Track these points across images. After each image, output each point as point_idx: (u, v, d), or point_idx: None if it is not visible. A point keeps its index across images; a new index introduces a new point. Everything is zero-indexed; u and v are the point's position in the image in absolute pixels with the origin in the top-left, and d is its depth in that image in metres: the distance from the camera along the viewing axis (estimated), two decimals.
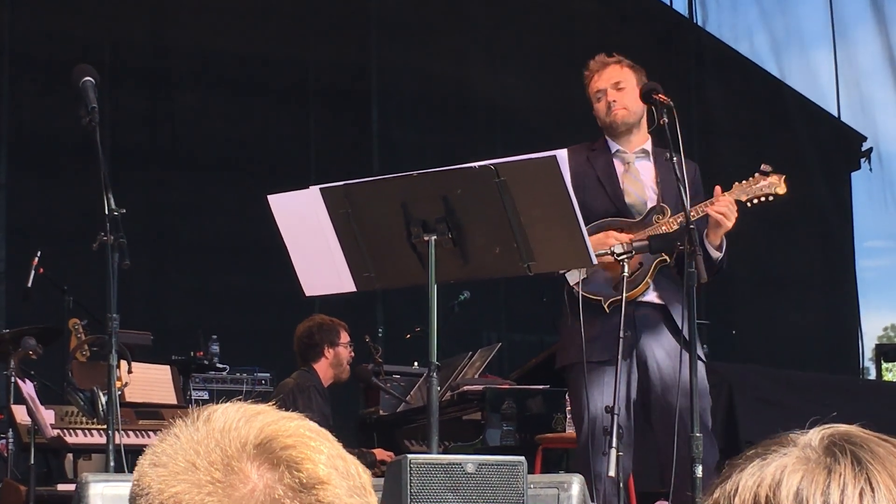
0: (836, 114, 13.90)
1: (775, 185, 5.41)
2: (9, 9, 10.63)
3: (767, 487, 1.19)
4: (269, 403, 1.39)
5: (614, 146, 5.62)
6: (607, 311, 5.35)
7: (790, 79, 13.77)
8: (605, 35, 12.99)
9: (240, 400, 1.38)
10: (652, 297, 5.44)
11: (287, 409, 1.38)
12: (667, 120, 5.13)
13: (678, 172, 5.04)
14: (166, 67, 11.41)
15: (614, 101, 5.55)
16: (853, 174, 14.06)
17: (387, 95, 12.16)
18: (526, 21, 12.64)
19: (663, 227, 5.36)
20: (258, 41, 11.60)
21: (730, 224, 5.29)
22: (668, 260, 5.43)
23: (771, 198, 5.42)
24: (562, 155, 4.53)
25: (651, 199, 5.53)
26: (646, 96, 5.25)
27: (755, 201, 5.40)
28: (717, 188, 5.33)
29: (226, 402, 1.37)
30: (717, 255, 5.39)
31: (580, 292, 5.30)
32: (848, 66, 13.86)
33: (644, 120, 5.61)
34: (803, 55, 15.12)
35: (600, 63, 5.64)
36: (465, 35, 12.45)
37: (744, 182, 5.41)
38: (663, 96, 5.17)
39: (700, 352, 5.28)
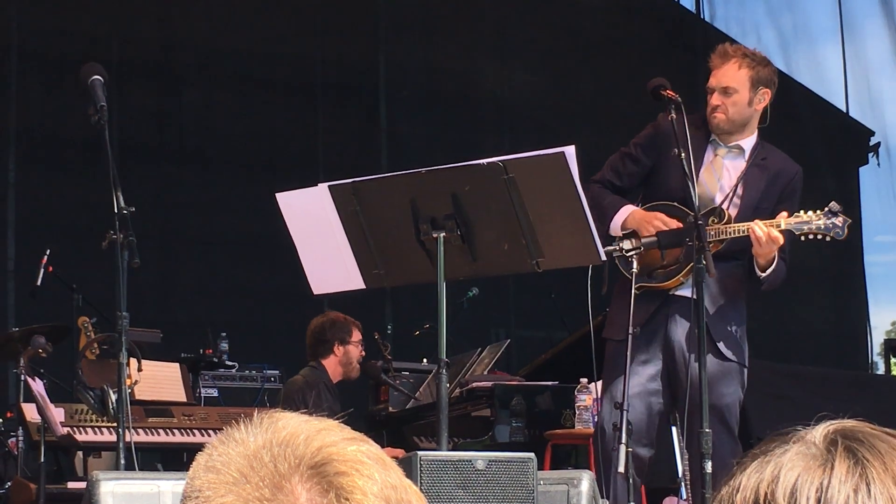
0: (844, 109, 13.88)
1: (837, 228, 5.23)
2: (17, 6, 10.64)
3: (766, 485, 1.19)
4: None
5: (713, 133, 5.50)
6: (638, 293, 5.29)
7: (798, 74, 13.75)
8: (612, 30, 13.00)
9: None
10: (686, 291, 5.29)
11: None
12: (675, 115, 5.13)
13: (686, 168, 5.04)
14: (174, 64, 11.42)
15: (717, 105, 5.41)
16: (861, 169, 14.05)
17: (395, 91, 12.16)
18: (533, 16, 12.63)
19: (712, 232, 5.24)
20: (266, 37, 11.60)
21: (761, 251, 5.16)
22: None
23: (828, 238, 5.25)
24: (570, 151, 4.53)
25: (720, 196, 5.41)
26: (653, 92, 5.23)
27: (810, 237, 5.24)
28: (784, 213, 5.20)
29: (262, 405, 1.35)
30: (760, 274, 5.27)
31: (633, 269, 5.19)
32: (856, 60, 13.85)
33: (754, 121, 5.45)
34: (811, 50, 15.12)
35: (721, 55, 5.48)
36: (472, 30, 12.44)
37: (809, 214, 5.22)
38: (671, 92, 5.17)
39: (739, 355, 5.29)
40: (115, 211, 4.62)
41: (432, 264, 4.61)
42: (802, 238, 5.25)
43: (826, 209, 5.23)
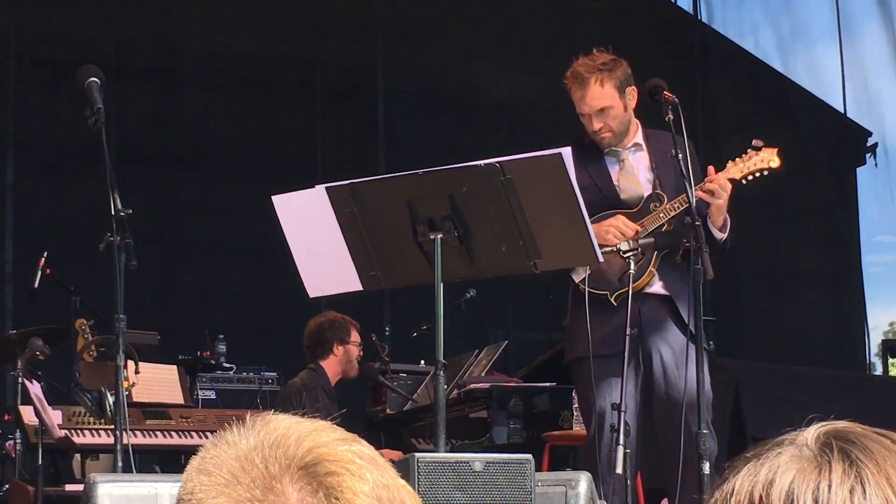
0: (842, 110, 13.88)
1: (768, 158, 5.36)
2: (15, 9, 10.64)
3: (761, 487, 1.19)
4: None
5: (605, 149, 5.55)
6: (615, 304, 5.32)
7: (795, 75, 13.76)
8: (610, 32, 12.97)
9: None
10: (658, 287, 5.38)
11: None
12: (672, 117, 5.14)
13: (683, 169, 5.05)
14: (172, 66, 11.42)
15: (600, 127, 5.43)
16: (859, 169, 14.05)
17: (393, 94, 12.17)
18: (531, 19, 12.63)
19: (661, 215, 5.33)
20: (264, 40, 11.60)
21: (720, 201, 5.23)
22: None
23: (766, 172, 5.36)
24: (567, 152, 4.55)
25: (647, 190, 5.47)
26: (651, 93, 5.25)
27: (750, 178, 5.35)
28: (711, 168, 5.29)
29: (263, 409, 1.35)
30: (719, 235, 5.35)
31: (586, 289, 5.28)
32: (854, 61, 13.84)
33: (631, 117, 5.51)
34: (809, 51, 15.10)
35: (577, 79, 5.45)
36: (470, 33, 12.45)
37: (737, 159, 5.35)
38: (668, 93, 5.18)
39: (705, 340, 5.30)
40: (113, 213, 4.63)
41: (430, 266, 4.61)
42: (744, 181, 5.34)
43: (750, 149, 5.35)
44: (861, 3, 14.07)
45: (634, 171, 5.53)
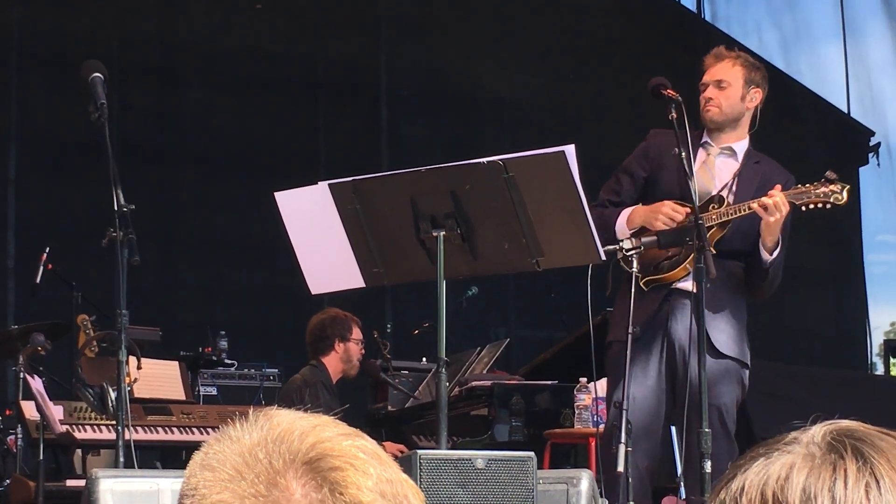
0: (845, 109, 13.88)
1: (837, 193, 5.31)
2: (18, 6, 10.64)
3: (774, 485, 1.19)
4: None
5: (704, 136, 5.59)
6: (644, 289, 5.34)
7: (799, 74, 13.75)
8: (612, 30, 12.99)
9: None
10: (687, 284, 5.33)
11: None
12: (675, 114, 5.14)
13: (686, 167, 5.05)
14: (175, 63, 11.41)
15: (710, 98, 5.50)
16: (861, 169, 14.05)
17: (395, 91, 12.16)
18: (534, 17, 12.63)
19: (714, 217, 5.33)
20: (267, 37, 11.60)
21: (772, 219, 5.21)
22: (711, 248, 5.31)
23: (829, 206, 5.33)
24: (570, 150, 4.54)
25: (715, 192, 5.47)
26: (654, 91, 5.25)
27: (811, 206, 5.32)
28: (778, 187, 5.28)
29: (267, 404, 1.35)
30: (766, 257, 5.36)
31: (634, 272, 5.23)
32: (858, 60, 13.84)
33: (745, 120, 5.55)
34: (812, 50, 15.11)
35: (716, 56, 5.60)
36: (473, 30, 12.44)
37: (807, 185, 5.33)
38: (672, 91, 5.19)
39: (739, 353, 5.32)
40: (115, 208, 4.62)
41: (432, 263, 4.61)
42: (803, 208, 5.32)
43: (823, 179, 5.32)
44: (866, 2, 14.07)
45: (714, 171, 5.53)
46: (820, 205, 5.33)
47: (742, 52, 5.65)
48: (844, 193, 5.33)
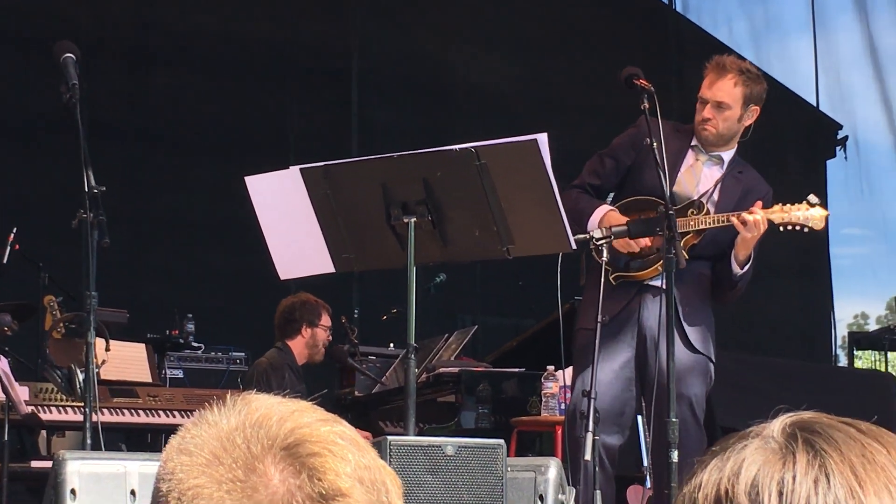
0: (814, 102, 13.94)
1: (815, 219, 5.36)
2: None
3: (727, 480, 1.19)
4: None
5: (695, 140, 5.57)
6: (613, 283, 5.38)
7: (769, 66, 13.77)
8: (585, 20, 13.01)
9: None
10: (660, 282, 5.32)
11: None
12: (647, 104, 5.15)
13: (657, 157, 5.06)
14: (146, 45, 11.35)
15: (708, 119, 5.48)
16: (829, 162, 14.12)
17: (367, 76, 12.13)
18: (508, 4, 12.63)
19: (692, 223, 5.35)
20: (239, 20, 11.55)
21: (750, 235, 5.26)
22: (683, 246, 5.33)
23: (806, 229, 5.38)
24: (542, 138, 4.54)
25: (696, 197, 5.49)
26: (627, 81, 5.25)
27: (789, 227, 5.36)
28: (759, 203, 5.31)
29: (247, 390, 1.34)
30: (737, 269, 5.41)
31: (602, 254, 5.24)
32: (827, 54, 13.90)
33: (737, 136, 5.56)
34: (783, 43, 15.17)
35: (718, 67, 5.52)
36: (447, 17, 12.42)
37: (787, 206, 5.35)
38: (644, 81, 5.19)
39: (707, 350, 5.35)
40: (86, 190, 4.59)
41: (403, 249, 4.61)
42: (781, 228, 5.36)
43: (804, 202, 5.36)
44: None
45: (699, 176, 5.54)
46: (798, 227, 5.37)
47: (744, 65, 5.55)
48: (823, 220, 5.40)
